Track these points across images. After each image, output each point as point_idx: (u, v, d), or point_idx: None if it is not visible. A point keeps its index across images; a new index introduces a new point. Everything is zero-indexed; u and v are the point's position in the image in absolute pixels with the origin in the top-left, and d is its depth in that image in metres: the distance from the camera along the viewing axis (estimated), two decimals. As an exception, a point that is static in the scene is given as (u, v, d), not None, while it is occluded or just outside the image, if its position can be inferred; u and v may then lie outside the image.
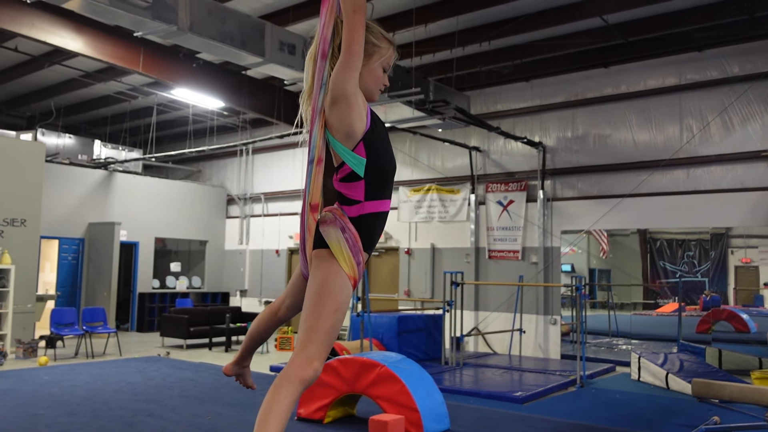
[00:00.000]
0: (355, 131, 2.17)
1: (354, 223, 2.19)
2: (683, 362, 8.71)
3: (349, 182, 2.21)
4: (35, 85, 13.50)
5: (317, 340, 2.08)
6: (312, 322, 2.10)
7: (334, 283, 2.13)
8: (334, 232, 2.17)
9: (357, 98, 2.16)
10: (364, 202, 2.20)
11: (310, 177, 2.24)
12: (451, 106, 9.47)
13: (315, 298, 2.12)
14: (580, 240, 11.53)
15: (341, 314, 2.13)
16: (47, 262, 13.71)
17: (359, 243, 2.18)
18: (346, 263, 2.14)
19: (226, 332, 11.57)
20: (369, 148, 2.19)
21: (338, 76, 2.13)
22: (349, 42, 2.11)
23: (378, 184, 2.22)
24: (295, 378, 2.05)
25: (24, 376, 8.09)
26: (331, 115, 2.17)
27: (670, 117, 10.30)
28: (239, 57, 7.85)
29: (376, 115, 2.28)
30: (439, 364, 9.58)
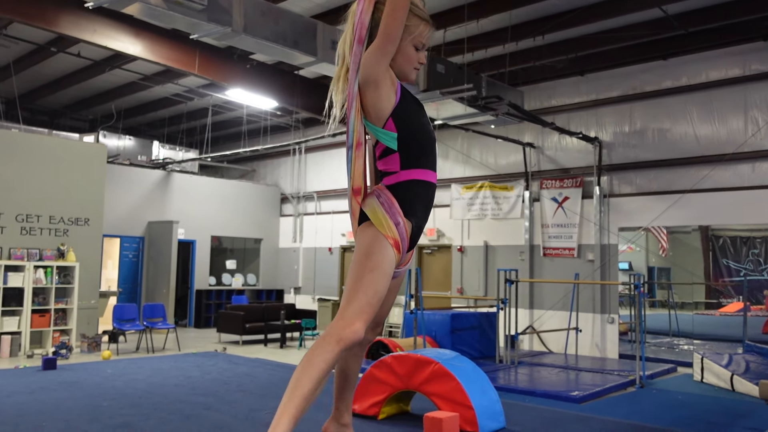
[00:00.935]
0: (383, 110, 2.18)
1: (390, 190, 2.18)
2: (749, 363, 8.38)
3: (386, 157, 2.23)
4: (97, 89, 13.97)
5: (356, 300, 2.06)
6: (351, 286, 2.10)
7: (373, 245, 2.11)
8: (370, 200, 2.20)
9: (386, 81, 2.16)
10: (399, 171, 2.21)
11: (351, 162, 2.24)
12: (504, 102, 9.35)
13: (355, 265, 2.13)
14: (639, 237, 11.23)
15: (380, 273, 2.09)
16: (109, 260, 14.17)
17: (396, 205, 2.16)
18: (383, 225, 2.12)
19: (280, 329, 11.73)
20: (398, 121, 2.19)
21: (370, 58, 2.12)
22: (387, 26, 2.09)
23: (412, 154, 2.21)
24: (331, 338, 2.01)
25: (89, 369, 8.38)
26: (363, 97, 2.19)
27: (734, 109, 9.92)
28: (292, 57, 7.94)
29: (407, 91, 2.27)
30: (493, 362, 9.48)
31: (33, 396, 6.62)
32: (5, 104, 13.65)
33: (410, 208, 2.19)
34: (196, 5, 6.45)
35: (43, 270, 10.07)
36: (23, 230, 10.19)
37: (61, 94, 14.37)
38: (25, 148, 10.45)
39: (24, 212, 10.22)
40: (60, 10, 8.73)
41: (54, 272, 10.14)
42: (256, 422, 5.45)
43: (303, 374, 1.97)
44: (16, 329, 9.74)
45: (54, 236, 10.49)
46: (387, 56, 2.12)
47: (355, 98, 2.22)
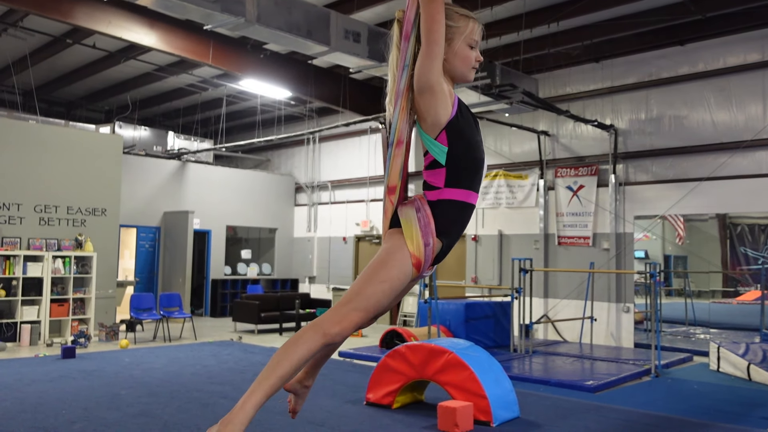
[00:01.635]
0: (439, 120, 2.15)
1: (431, 206, 2.19)
2: (766, 352, 8.32)
3: (433, 170, 2.20)
4: (112, 80, 14.05)
5: (355, 302, 2.07)
6: (359, 287, 2.10)
7: (394, 256, 2.11)
8: (408, 211, 2.17)
9: (441, 87, 2.14)
10: (443, 188, 2.19)
11: (389, 159, 2.24)
12: (519, 90, 9.29)
13: (371, 266, 2.12)
14: (655, 225, 11.15)
15: (389, 287, 2.09)
16: (126, 250, 14.30)
17: (432, 225, 2.16)
18: (412, 242, 2.12)
19: (295, 318, 11.80)
20: (452, 136, 2.17)
21: (421, 66, 2.12)
22: (427, 31, 2.09)
23: (460, 173, 2.19)
24: (320, 329, 2.04)
25: (107, 358, 8.50)
26: (419, 105, 2.17)
27: (753, 95, 9.78)
28: (305, 46, 7.94)
29: (464, 105, 2.24)
30: (508, 351, 9.49)
31: (53, 384, 6.72)
32: (23, 96, 13.78)
33: (445, 229, 2.19)
34: (209, -4, 6.46)
35: (62, 260, 10.20)
36: (41, 221, 10.32)
37: (77, 86, 14.47)
38: (42, 139, 10.56)
39: (42, 203, 10.34)
40: (75, 1, 8.79)
41: (72, 262, 10.26)
42: (271, 410, 5.50)
43: (284, 357, 2.02)
44: (36, 318, 9.89)
45: (72, 226, 10.61)
46: (436, 59, 2.11)
47: (401, 96, 2.23)
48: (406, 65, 2.22)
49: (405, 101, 2.22)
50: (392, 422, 5.39)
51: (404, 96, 2.22)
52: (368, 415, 5.63)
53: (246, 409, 1.97)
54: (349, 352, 9.23)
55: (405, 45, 2.23)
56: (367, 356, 8.96)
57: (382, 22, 9.75)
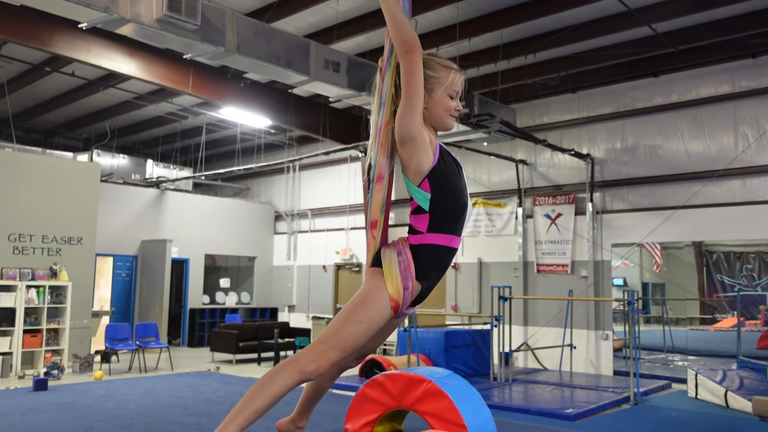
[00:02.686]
0: (421, 168, 2.20)
1: (412, 250, 2.21)
2: (743, 379, 8.37)
3: (417, 215, 2.25)
4: (91, 108, 14.00)
5: (333, 341, 2.11)
6: (337, 326, 2.14)
7: (374, 298, 2.14)
8: (390, 253, 2.22)
9: (422, 137, 2.19)
10: (425, 233, 2.23)
11: (371, 195, 2.27)
12: (497, 120, 9.41)
13: (351, 306, 2.16)
14: (632, 253, 11.26)
15: (367, 328, 2.13)
16: (102, 279, 14.11)
17: (411, 269, 2.18)
18: (392, 284, 2.15)
19: (274, 347, 11.67)
20: (434, 183, 2.21)
21: (402, 117, 2.16)
22: (406, 83, 2.14)
23: (442, 218, 2.23)
24: (297, 366, 2.08)
25: (80, 390, 8.31)
26: (402, 154, 2.23)
27: (725, 126, 10.00)
28: (285, 76, 7.99)
29: (447, 152, 2.29)
30: (488, 379, 9.45)
31: (23, 417, 6.56)
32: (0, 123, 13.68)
33: (425, 272, 2.23)
34: (189, 25, 6.50)
35: (36, 290, 10.02)
36: (16, 249, 10.16)
37: (55, 113, 14.39)
38: (18, 167, 10.44)
39: (17, 231, 10.19)
40: (54, 30, 8.78)
41: (46, 292, 10.08)
42: (248, 443, 5.40)
43: (260, 392, 2.06)
44: (8, 350, 9.67)
45: (47, 255, 10.45)
46: (416, 110, 2.16)
47: (379, 132, 2.27)
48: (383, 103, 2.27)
49: (384, 138, 2.27)
50: (371, 453, 5.31)
51: (382, 133, 2.27)
52: (347, 446, 5.54)
53: None
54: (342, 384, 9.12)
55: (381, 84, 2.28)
56: (346, 386, 8.87)
57: (361, 52, 9.86)
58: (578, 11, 8.76)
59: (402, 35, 2.13)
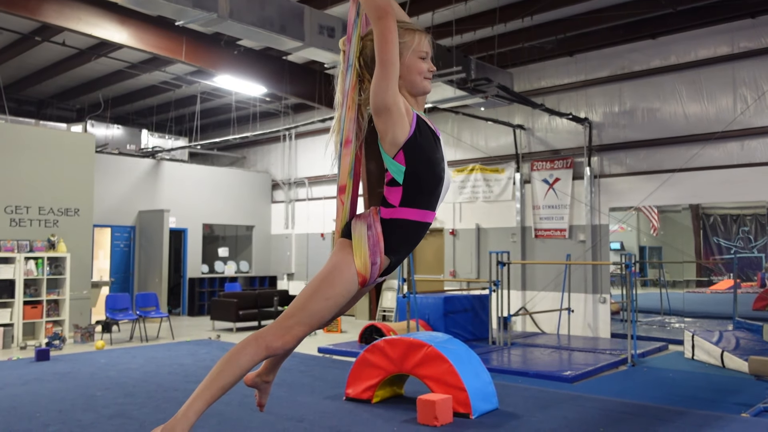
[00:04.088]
0: (396, 140, 2.15)
1: (383, 224, 2.18)
2: (739, 340, 8.46)
3: (391, 187, 2.21)
4: (83, 78, 13.84)
5: (299, 317, 2.12)
6: (302, 301, 2.13)
7: (341, 273, 2.13)
8: (360, 226, 2.18)
9: (398, 107, 2.13)
10: (397, 207, 2.19)
11: (339, 159, 2.25)
12: (494, 84, 9.33)
13: (317, 281, 2.16)
14: (630, 217, 11.27)
15: (333, 303, 2.14)
16: (101, 250, 14.11)
17: (381, 244, 2.16)
18: (360, 259, 2.14)
19: (274, 315, 11.74)
20: (409, 155, 2.16)
21: (376, 87, 2.11)
22: (380, 51, 2.08)
23: (416, 192, 2.18)
24: (263, 342, 2.09)
25: (82, 360, 8.38)
26: (377, 125, 2.17)
27: (723, 87, 9.93)
28: (279, 42, 7.88)
29: (425, 124, 2.23)
30: (487, 344, 9.54)
31: (26, 387, 6.62)
32: (-9, 95, 13.51)
33: (394, 247, 2.20)
34: (180, -9, 6.38)
35: (34, 261, 10.02)
36: (12, 222, 10.13)
37: (48, 84, 14.22)
38: (12, 139, 10.36)
39: (13, 204, 10.15)
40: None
41: (45, 263, 10.09)
42: (249, 408, 5.48)
43: (226, 367, 2.08)
44: (9, 321, 9.71)
45: (44, 227, 10.43)
46: (391, 79, 2.10)
47: (346, 96, 2.23)
48: (350, 65, 2.23)
49: (351, 101, 2.24)
50: (372, 417, 5.39)
51: (350, 96, 2.23)
52: (348, 411, 5.62)
53: (188, 416, 2.04)
54: (329, 348, 9.21)
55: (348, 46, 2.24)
56: (346, 352, 8.95)
57: (356, 17, 9.70)
58: (576, -28, 8.63)
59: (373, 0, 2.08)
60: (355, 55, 2.24)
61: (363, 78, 2.27)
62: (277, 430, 4.94)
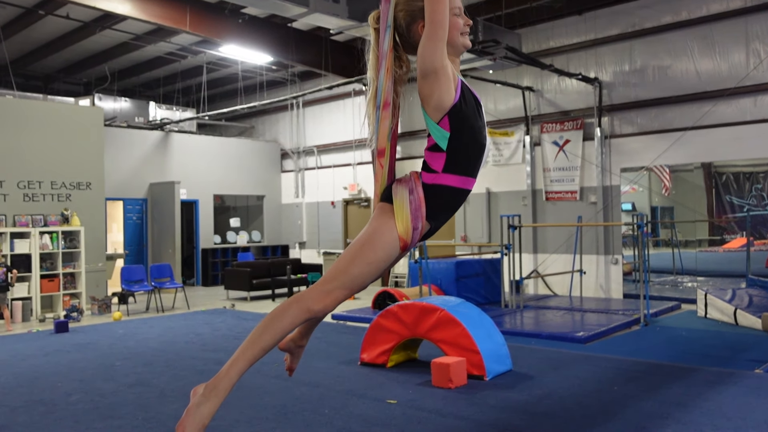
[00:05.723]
0: (442, 104, 2.13)
1: (425, 189, 2.18)
2: (752, 297, 8.46)
3: (433, 152, 2.20)
4: (89, 51, 13.78)
5: (340, 281, 2.12)
6: (344, 265, 2.13)
7: (382, 237, 2.13)
8: (402, 191, 2.17)
9: (446, 71, 2.11)
10: (440, 173, 2.18)
11: (378, 122, 2.22)
12: (502, 46, 9.20)
13: (358, 245, 2.15)
14: (641, 177, 11.20)
15: (374, 268, 2.14)
16: (114, 223, 14.23)
17: (423, 208, 2.15)
18: (402, 223, 2.13)
19: (287, 283, 11.85)
20: (454, 121, 2.15)
21: (425, 48, 2.08)
22: (432, 12, 2.05)
23: (459, 159, 2.17)
24: (304, 305, 2.09)
25: (101, 331, 8.52)
26: (422, 88, 2.14)
27: (736, 42, 9.75)
28: (284, 8, 7.79)
29: (468, 90, 2.21)
30: (499, 307, 9.59)
31: (47, 358, 6.74)
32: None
33: (435, 212, 2.20)
34: (182, -41, 6.31)
35: (49, 235, 10.13)
36: (26, 197, 10.21)
37: (54, 58, 14.18)
38: (20, 114, 10.38)
39: (25, 179, 10.22)
40: (45, -30, 8.56)
41: (59, 237, 10.20)
42: (267, 375, 5.56)
43: (267, 329, 2.08)
44: (27, 295, 9.86)
45: (57, 201, 10.51)
46: (441, 41, 2.07)
47: (384, 57, 2.19)
48: (388, 26, 2.19)
49: (389, 63, 2.20)
50: (387, 380, 5.46)
51: (388, 58, 2.19)
52: (363, 375, 5.70)
53: (230, 376, 2.05)
54: (342, 314, 9.30)
55: (386, 6, 2.20)
56: (360, 318, 9.04)
57: (361, -20, 9.57)
58: (584, -73, 8.43)
59: None
60: (392, 17, 2.20)
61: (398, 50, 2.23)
62: (293, 395, 5.02)
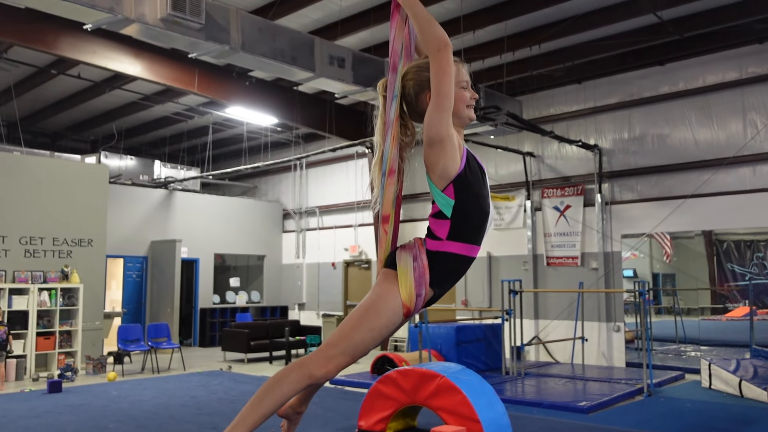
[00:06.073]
0: (447, 172, 2.16)
1: (429, 256, 2.18)
2: (757, 368, 8.32)
3: (438, 220, 2.21)
4: (97, 109, 14.03)
5: (343, 347, 2.10)
6: (346, 331, 2.12)
7: (385, 304, 2.12)
8: (406, 257, 2.18)
9: (452, 140, 2.15)
10: (444, 240, 2.19)
11: (383, 189, 2.24)
12: (503, 112, 9.37)
13: (361, 310, 2.14)
14: (642, 244, 11.20)
15: (377, 335, 2.13)
16: (113, 280, 14.16)
17: (426, 275, 2.16)
18: (406, 290, 2.13)
19: (285, 345, 11.69)
20: (459, 189, 2.17)
21: (432, 118, 2.13)
22: (438, 83, 2.10)
23: (464, 227, 2.19)
24: (306, 371, 2.07)
25: (94, 391, 8.36)
26: (428, 157, 2.18)
27: (733, 113, 9.92)
28: (290, 73, 7.98)
29: (473, 158, 2.25)
30: (500, 374, 9.44)
31: (39, 419, 6.60)
32: (7, 127, 13.70)
33: (439, 280, 2.21)
34: (194, 24, 6.50)
35: (48, 292, 10.07)
36: (27, 253, 10.20)
37: (62, 116, 14.43)
38: (27, 170, 10.49)
39: (28, 235, 10.24)
40: (60, 32, 8.80)
41: (58, 294, 10.13)
42: (263, 441, 5.41)
43: (268, 395, 2.06)
44: (22, 352, 9.72)
45: (58, 258, 10.49)
46: (447, 111, 2.12)
47: (391, 126, 2.24)
48: (395, 96, 2.24)
49: (395, 131, 2.24)
50: (385, 449, 5.32)
51: (394, 126, 2.24)
52: (361, 443, 5.55)
53: None
54: (341, 379, 9.14)
55: (393, 77, 2.26)
56: (358, 382, 8.88)
57: (366, 47, 9.83)
58: (582, 1, 8.71)
59: (434, 31, 2.10)
60: (400, 87, 2.25)
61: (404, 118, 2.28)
62: (289, 463, 4.88)
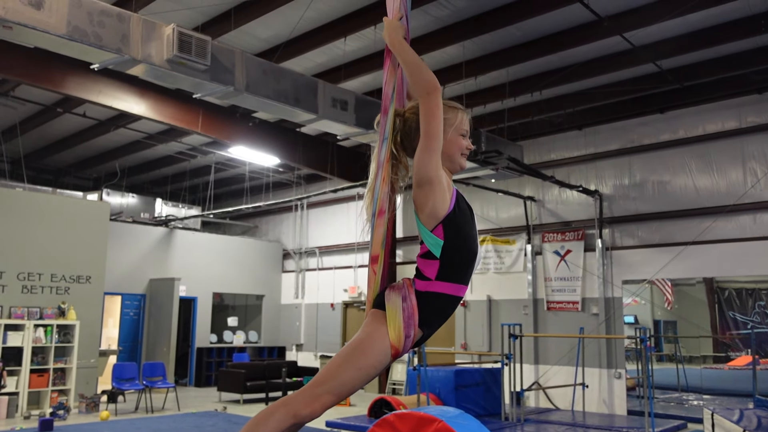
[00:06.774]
0: (437, 212, 2.17)
1: (418, 297, 2.18)
2: (761, 419, 8.17)
3: (426, 260, 2.22)
4: (101, 147, 14.14)
5: (329, 386, 2.08)
6: (333, 370, 2.10)
7: (373, 344, 2.11)
8: (395, 298, 2.17)
9: (440, 181, 2.17)
10: (433, 280, 2.19)
11: (373, 229, 2.25)
12: (504, 157, 9.43)
13: (349, 350, 2.13)
14: (643, 290, 11.14)
15: (364, 375, 2.11)
16: (110, 318, 14.06)
17: (415, 317, 2.15)
18: (394, 331, 2.12)
19: (282, 387, 11.52)
20: (448, 230, 2.18)
21: (420, 159, 2.15)
22: (426, 125, 2.14)
23: (452, 267, 2.20)
24: (291, 409, 2.04)
25: (86, 431, 8.21)
26: (418, 197, 2.20)
27: (732, 161, 9.99)
28: (293, 114, 8.06)
29: (462, 199, 2.27)
30: (499, 419, 9.28)
31: (27, 459, 6.46)
32: (11, 164, 13.81)
33: (428, 320, 2.21)
34: (199, 66, 6.60)
35: (43, 329, 9.98)
36: (24, 288, 10.16)
37: (66, 153, 14.54)
38: (28, 206, 10.52)
39: (26, 270, 10.21)
40: (66, 71, 8.93)
41: (54, 331, 10.05)
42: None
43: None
44: (14, 389, 9.59)
45: (55, 294, 10.44)
46: (435, 152, 2.15)
47: (381, 167, 2.26)
48: (386, 138, 2.27)
49: (386, 173, 2.26)
50: (380, 496, 5.19)
51: (384, 167, 2.25)
52: (356, 489, 5.42)
53: None
54: (337, 422, 8.99)
55: (383, 119, 2.29)
56: (354, 426, 8.73)
57: (369, 91, 9.97)
58: (583, 49, 8.85)
59: (423, 76, 2.15)
60: (391, 129, 2.28)
61: (398, 157, 2.30)
62: None
